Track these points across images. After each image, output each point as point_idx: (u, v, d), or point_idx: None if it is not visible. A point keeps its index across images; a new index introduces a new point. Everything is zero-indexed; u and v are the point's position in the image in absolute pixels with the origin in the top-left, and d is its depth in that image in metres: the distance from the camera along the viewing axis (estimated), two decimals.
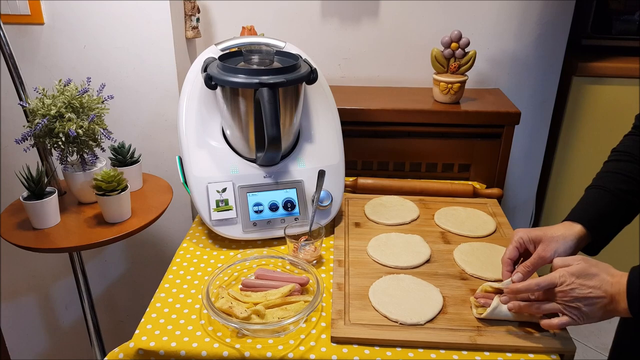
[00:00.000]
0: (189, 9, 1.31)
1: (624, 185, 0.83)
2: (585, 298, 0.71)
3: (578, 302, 0.71)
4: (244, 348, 0.77)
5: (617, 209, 0.83)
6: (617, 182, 0.84)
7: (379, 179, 1.25)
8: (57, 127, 1.03)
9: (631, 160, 0.85)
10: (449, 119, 1.31)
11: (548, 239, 0.81)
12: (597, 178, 0.87)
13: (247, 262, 0.95)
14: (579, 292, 0.71)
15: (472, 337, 0.78)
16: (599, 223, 0.82)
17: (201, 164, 1.03)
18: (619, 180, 0.84)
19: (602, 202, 0.83)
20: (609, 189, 0.83)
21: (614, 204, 0.83)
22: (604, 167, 0.88)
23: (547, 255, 0.79)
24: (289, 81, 0.95)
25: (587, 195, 0.86)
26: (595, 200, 0.84)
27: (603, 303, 0.71)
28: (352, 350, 0.77)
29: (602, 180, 0.85)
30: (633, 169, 0.84)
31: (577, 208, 0.85)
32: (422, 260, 0.97)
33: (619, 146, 0.89)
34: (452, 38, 1.29)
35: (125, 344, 0.79)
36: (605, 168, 0.88)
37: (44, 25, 1.26)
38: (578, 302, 0.71)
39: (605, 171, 0.87)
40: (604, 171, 0.87)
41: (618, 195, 0.83)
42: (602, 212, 0.82)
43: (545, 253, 0.79)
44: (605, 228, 0.83)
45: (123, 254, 1.56)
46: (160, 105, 1.33)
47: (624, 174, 0.84)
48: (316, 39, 1.46)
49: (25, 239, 1.02)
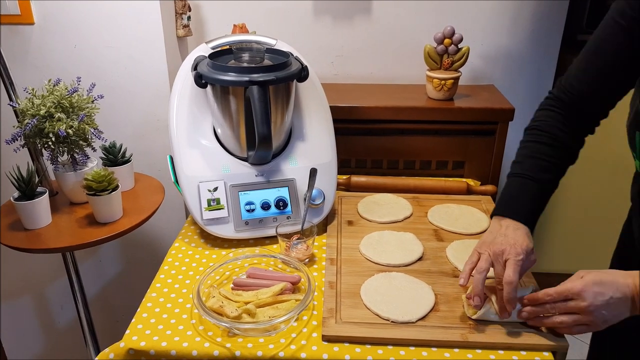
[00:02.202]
0: (180, 7, 1.30)
1: (550, 174, 0.84)
2: (608, 305, 0.69)
3: (601, 310, 0.70)
4: (234, 347, 0.77)
5: (545, 200, 0.84)
6: (544, 170, 0.84)
7: (372, 177, 1.25)
8: (47, 127, 1.02)
9: (552, 143, 0.85)
10: (442, 115, 1.31)
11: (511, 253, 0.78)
12: (526, 163, 0.85)
13: (238, 261, 0.95)
14: (601, 300, 0.69)
15: (463, 335, 0.77)
16: (534, 219, 0.83)
17: (192, 163, 1.02)
18: (544, 168, 0.84)
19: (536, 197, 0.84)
20: (537, 179, 0.83)
21: (545, 197, 0.84)
22: (528, 149, 0.87)
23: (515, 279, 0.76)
24: (279, 79, 0.94)
25: (522, 187, 0.84)
26: (530, 194, 0.83)
27: (625, 305, 0.69)
28: (343, 348, 0.77)
29: (533, 169, 0.84)
30: (553, 154, 0.84)
31: (518, 202, 0.84)
32: (415, 258, 0.96)
33: (537, 123, 0.88)
34: (445, 34, 1.29)
35: (116, 344, 0.79)
36: (530, 151, 0.86)
37: (34, 25, 1.25)
38: (601, 310, 0.70)
39: (530, 156, 0.85)
40: (529, 155, 0.86)
41: (546, 188, 0.84)
42: (537, 208, 0.84)
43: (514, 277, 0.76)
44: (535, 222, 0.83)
45: (117, 254, 1.56)
46: (152, 105, 1.33)
47: (549, 160, 0.84)
48: (309, 37, 1.46)
49: (17, 240, 1.02)
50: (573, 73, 0.86)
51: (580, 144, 0.88)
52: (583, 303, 0.70)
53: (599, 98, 0.84)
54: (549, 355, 0.76)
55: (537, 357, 0.75)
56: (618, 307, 0.69)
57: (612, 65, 0.79)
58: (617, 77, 0.81)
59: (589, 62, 0.82)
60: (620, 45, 0.77)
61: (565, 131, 0.85)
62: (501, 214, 0.84)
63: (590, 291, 0.70)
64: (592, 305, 0.70)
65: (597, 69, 0.81)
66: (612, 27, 0.78)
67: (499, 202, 0.86)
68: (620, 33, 0.77)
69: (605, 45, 0.79)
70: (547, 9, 1.42)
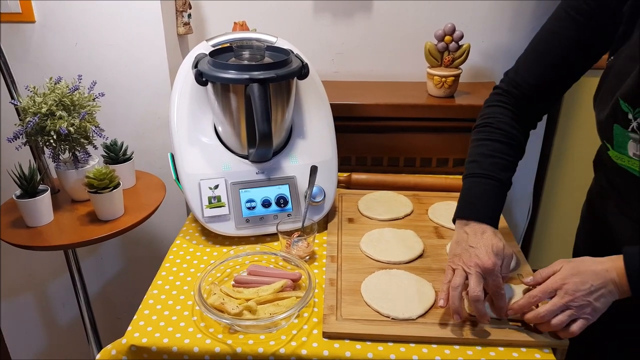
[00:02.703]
0: (180, 5, 1.30)
1: (510, 172, 0.84)
2: (591, 292, 0.70)
3: (586, 298, 0.71)
4: (235, 344, 0.77)
5: (504, 199, 0.84)
6: (503, 169, 0.84)
7: (373, 175, 1.25)
8: (49, 125, 1.03)
9: (508, 141, 0.85)
10: (443, 113, 1.31)
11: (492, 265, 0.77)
12: (487, 163, 0.84)
13: (239, 258, 0.95)
14: (583, 288, 0.71)
15: (464, 332, 0.78)
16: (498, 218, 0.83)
17: (193, 161, 1.02)
18: (503, 167, 0.84)
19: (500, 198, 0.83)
20: (501, 180, 0.83)
21: (504, 196, 0.84)
22: (484, 147, 0.85)
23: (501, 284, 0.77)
24: (280, 76, 0.95)
25: (483, 188, 0.83)
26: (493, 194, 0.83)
27: (608, 291, 0.71)
28: (344, 345, 0.77)
29: (491, 169, 0.83)
30: (510, 153, 0.84)
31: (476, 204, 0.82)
32: (415, 255, 0.96)
33: (490, 120, 0.87)
34: (446, 31, 1.28)
35: (118, 341, 0.79)
36: (487, 149, 0.85)
37: (35, 23, 1.25)
38: (586, 298, 0.71)
39: (488, 154, 0.84)
40: (486, 154, 0.85)
41: (506, 186, 0.84)
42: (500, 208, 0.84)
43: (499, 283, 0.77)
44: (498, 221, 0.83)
45: (118, 252, 1.56)
46: (152, 102, 1.33)
47: (506, 159, 0.84)
48: (309, 34, 1.46)
49: (19, 238, 1.02)
50: (522, 67, 0.86)
51: (526, 139, 0.89)
52: (567, 296, 0.71)
53: (549, 91, 0.85)
54: (549, 352, 0.76)
55: (537, 354, 0.75)
56: (602, 292, 0.71)
57: (563, 58, 0.80)
58: (568, 71, 0.82)
59: (540, 55, 0.83)
60: (573, 39, 0.78)
61: (516, 127, 0.86)
62: (465, 217, 0.82)
63: (570, 282, 0.71)
64: (576, 295, 0.71)
65: (549, 63, 0.82)
66: (564, 21, 0.79)
67: (461, 205, 0.84)
68: (573, 27, 0.78)
69: (557, 39, 0.80)
70: (548, 6, 1.42)
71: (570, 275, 0.72)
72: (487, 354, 0.75)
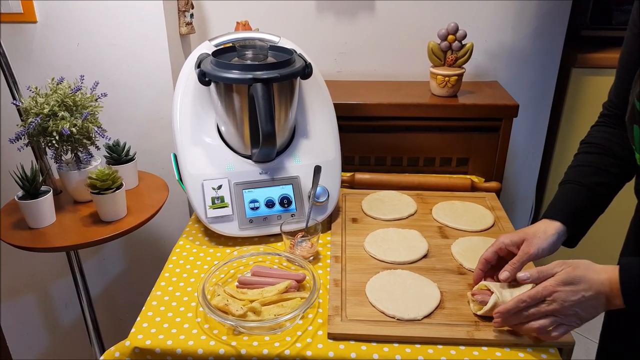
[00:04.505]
0: (183, 5, 1.30)
1: (596, 178, 0.84)
2: (580, 303, 0.70)
3: (574, 308, 0.70)
4: (240, 345, 0.77)
5: (592, 202, 0.83)
6: (589, 175, 0.84)
7: (376, 174, 1.24)
8: (51, 126, 1.02)
9: (600, 152, 0.85)
10: (446, 112, 1.30)
11: (531, 237, 0.80)
12: (570, 172, 0.87)
13: (243, 259, 0.95)
14: (572, 299, 0.70)
15: (469, 332, 0.77)
16: (575, 218, 0.82)
17: (196, 161, 1.02)
18: (590, 172, 0.84)
19: (577, 198, 0.83)
20: (583, 183, 0.84)
21: (589, 198, 0.83)
22: (575, 160, 0.89)
23: (532, 251, 0.78)
24: (283, 76, 0.94)
25: (562, 191, 0.86)
26: (572, 196, 0.84)
27: (598, 302, 0.70)
28: (349, 346, 0.76)
29: (575, 175, 0.86)
30: (603, 161, 0.84)
31: (554, 205, 0.85)
32: (420, 255, 0.96)
33: (587, 138, 0.90)
34: (449, 30, 1.28)
35: (122, 343, 0.79)
36: (577, 161, 0.88)
37: (37, 23, 1.25)
38: (574, 308, 0.70)
39: (576, 165, 0.87)
40: (575, 165, 0.88)
41: (592, 189, 0.83)
42: (578, 207, 0.83)
43: (530, 249, 0.78)
44: (581, 222, 0.83)
45: (121, 253, 1.56)
46: (155, 103, 1.33)
47: (595, 166, 0.84)
48: (312, 34, 1.45)
49: (21, 239, 1.02)
50: (613, 92, 0.87)
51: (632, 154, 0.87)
52: (555, 304, 0.71)
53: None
54: (555, 352, 0.75)
55: (543, 354, 0.75)
56: (591, 304, 0.70)
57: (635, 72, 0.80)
58: None
59: (620, 75, 0.84)
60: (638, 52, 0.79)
61: (614, 141, 0.86)
62: (543, 217, 0.84)
63: (562, 290, 0.70)
64: (564, 305, 0.70)
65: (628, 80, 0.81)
66: (629, 39, 0.80)
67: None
68: (636, 40, 0.78)
69: (628, 57, 0.81)
70: (551, 5, 1.42)
71: (564, 283, 0.71)
72: (493, 354, 0.75)
